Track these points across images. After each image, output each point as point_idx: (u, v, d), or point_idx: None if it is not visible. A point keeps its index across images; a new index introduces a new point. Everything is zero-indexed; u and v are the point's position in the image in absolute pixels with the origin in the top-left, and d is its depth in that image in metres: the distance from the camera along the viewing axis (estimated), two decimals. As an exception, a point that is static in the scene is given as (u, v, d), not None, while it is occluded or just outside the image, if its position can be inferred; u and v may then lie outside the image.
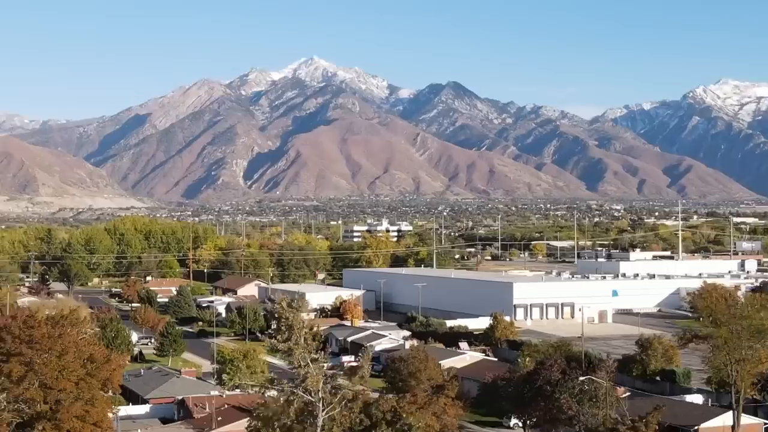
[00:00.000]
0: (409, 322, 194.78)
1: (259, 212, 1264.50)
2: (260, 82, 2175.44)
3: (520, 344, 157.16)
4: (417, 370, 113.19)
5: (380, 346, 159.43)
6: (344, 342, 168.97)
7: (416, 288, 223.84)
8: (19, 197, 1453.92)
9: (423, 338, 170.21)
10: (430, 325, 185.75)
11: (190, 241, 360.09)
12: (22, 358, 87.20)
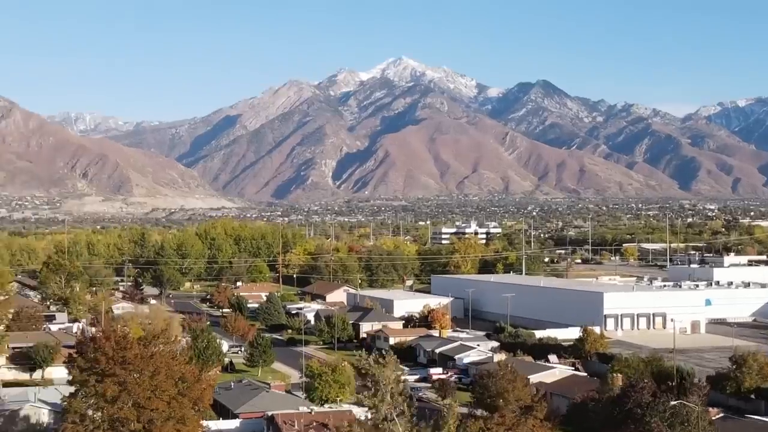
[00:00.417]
0: (498, 332, 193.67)
1: (348, 212, 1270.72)
2: (349, 83, 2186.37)
3: (610, 358, 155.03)
4: (505, 390, 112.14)
5: (468, 358, 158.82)
6: (432, 353, 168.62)
7: (505, 296, 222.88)
8: (114, 198, 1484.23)
9: (511, 350, 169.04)
10: (519, 336, 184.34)
11: (280, 246, 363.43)
12: (116, 378, 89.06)
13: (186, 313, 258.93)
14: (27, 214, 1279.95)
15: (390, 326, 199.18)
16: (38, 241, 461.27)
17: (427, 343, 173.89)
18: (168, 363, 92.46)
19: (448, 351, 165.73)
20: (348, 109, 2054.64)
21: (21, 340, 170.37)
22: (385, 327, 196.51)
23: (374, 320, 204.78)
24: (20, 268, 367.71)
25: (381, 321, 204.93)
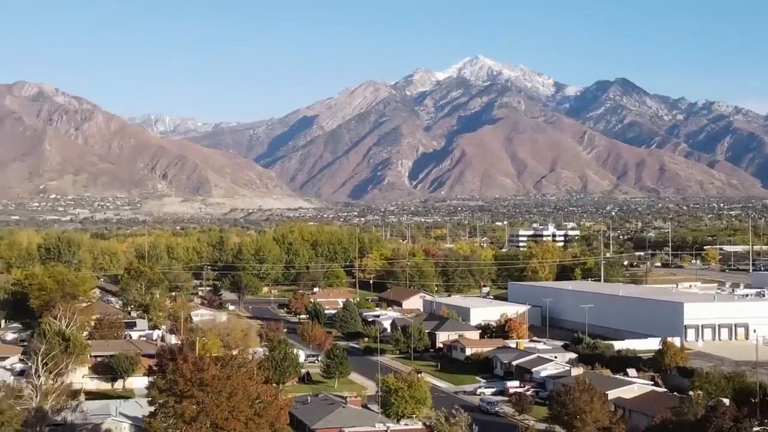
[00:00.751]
0: (576, 343, 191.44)
1: (424, 212, 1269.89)
2: (425, 83, 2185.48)
3: (690, 372, 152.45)
4: (582, 410, 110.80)
5: (546, 371, 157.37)
6: (509, 365, 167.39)
7: (582, 303, 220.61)
8: (193, 198, 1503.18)
9: (589, 362, 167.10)
10: (597, 348, 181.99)
11: (356, 251, 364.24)
12: (194, 400, 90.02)
13: (263, 319, 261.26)
14: (109, 214, 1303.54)
15: (466, 336, 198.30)
16: (119, 244, 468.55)
17: (504, 355, 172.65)
18: (245, 384, 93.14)
19: (525, 363, 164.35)
20: (424, 109, 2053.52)
21: (102, 348, 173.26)
22: (461, 337, 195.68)
23: (450, 329, 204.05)
24: (102, 271, 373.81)
25: (457, 330, 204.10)
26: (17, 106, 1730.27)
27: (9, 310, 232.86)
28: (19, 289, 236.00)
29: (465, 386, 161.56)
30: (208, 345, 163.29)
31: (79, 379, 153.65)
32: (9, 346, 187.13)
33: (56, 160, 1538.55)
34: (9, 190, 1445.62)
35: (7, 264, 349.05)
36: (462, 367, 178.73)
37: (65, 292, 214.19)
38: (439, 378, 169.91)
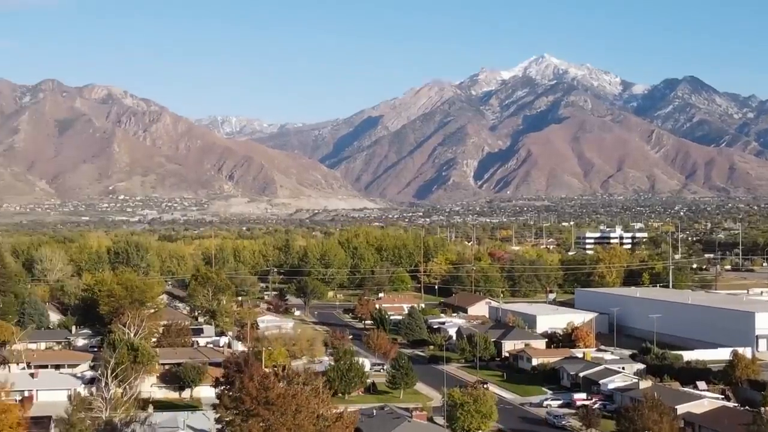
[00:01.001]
0: (644, 353, 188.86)
1: (490, 213, 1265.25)
2: (490, 82, 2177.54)
3: (762, 385, 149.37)
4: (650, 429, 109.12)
5: (613, 383, 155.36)
6: (576, 377, 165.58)
7: (650, 311, 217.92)
8: (259, 199, 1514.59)
9: (657, 373, 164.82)
10: (666, 359, 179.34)
11: (421, 255, 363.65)
12: (260, 418, 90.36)
13: (329, 325, 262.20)
14: (176, 215, 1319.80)
15: (533, 345, 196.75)
16: (187, 246, 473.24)
17: (571, 366, 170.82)
18: (310, 401, 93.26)
19: (592, 375, 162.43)
20: (489, 108, 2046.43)
21: (170, 356, 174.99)
22: (527, 346, 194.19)
23: (517, 338, 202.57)
24: (170, 275, 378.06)
25: (524, 339, 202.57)
26: (87, 108, 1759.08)
27: (79, 315, 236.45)
28: (89, 295, 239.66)
29: (531, 398, 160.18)
30: (274, 355, 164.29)
31: (147, 388, 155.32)
32: (79, 353, 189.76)
33: (125, 161, 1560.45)
34: (79, 191, 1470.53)
35: (77, 267, 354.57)
36: (528, 378, 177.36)
37: (134, 299, 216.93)
38: (505, 389, 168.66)
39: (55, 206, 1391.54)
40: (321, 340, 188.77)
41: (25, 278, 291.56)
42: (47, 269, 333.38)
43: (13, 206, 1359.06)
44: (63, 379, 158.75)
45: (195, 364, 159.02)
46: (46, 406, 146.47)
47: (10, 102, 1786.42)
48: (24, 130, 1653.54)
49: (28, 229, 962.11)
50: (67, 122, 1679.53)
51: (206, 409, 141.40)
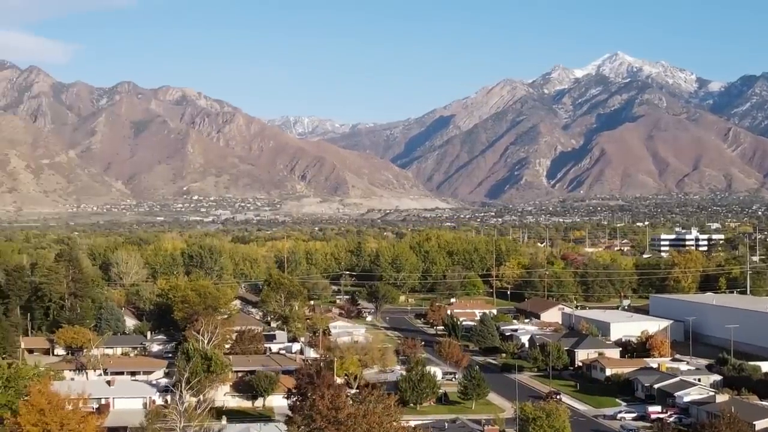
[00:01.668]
0: (720, 364, 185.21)
1: (562, 212, 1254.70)
2: (563, 80, 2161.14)
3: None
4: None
5: (689, 396, 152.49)
6: (650, 388, 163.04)
7: (727, 319, 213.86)
8: (331, 199, 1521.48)
9: (735, 385, 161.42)
10: (743, 370, 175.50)
11: (494, 260, 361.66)
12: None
13: (400, 330, 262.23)
14: (249, 215, 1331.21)
15: (606, 354, 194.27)
16: (259, 248, 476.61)
17: (646, 377, 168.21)
18: (381, 421, 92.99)
19: (667, 387, 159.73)
20: (562, 107, 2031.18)
21: (243, 363, 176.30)
22: (601, 356, 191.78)
23: (590, 347, 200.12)
24: (243, 277, 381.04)
25: (597, 348, 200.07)
26: (162, 110, 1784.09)
27: (154, 321, 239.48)
28: (163, 300, 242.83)
29: (605, 409, 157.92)
30: (346, 364, 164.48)
31: (221, 397, 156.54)
32: (155, 360, 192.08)
33: (199, 162, 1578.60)
34: (154, 191, 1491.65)
35: (152, 270, 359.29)
36: (602, 389, 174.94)
37: (207, 305, 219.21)
38: (578, 400, 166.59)
39: (131, 207, 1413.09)
40: (393, 349, 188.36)
41: (102, 283, 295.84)
42: (123, 272, 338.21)
43: (90, 207, 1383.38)
44: (138, 387, 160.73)
45: (268, 373, 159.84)
46: (122, 414, 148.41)
47: (87, 104, 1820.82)
48: (100, 132, 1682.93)
49: (104, 229, 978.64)
50: (142, 124, 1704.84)
51: (279, 419, 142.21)
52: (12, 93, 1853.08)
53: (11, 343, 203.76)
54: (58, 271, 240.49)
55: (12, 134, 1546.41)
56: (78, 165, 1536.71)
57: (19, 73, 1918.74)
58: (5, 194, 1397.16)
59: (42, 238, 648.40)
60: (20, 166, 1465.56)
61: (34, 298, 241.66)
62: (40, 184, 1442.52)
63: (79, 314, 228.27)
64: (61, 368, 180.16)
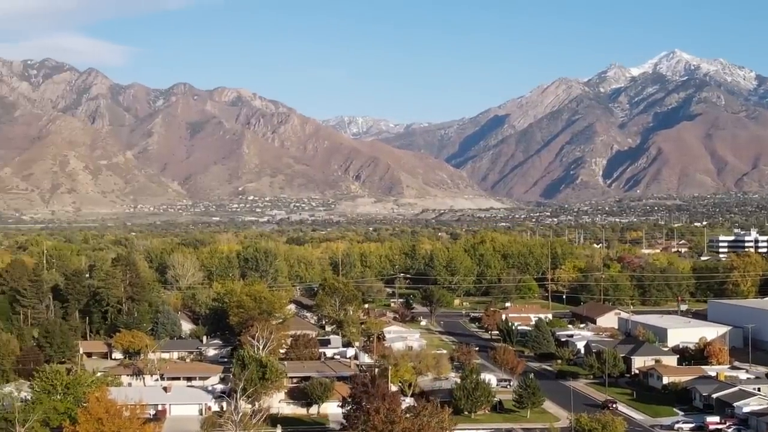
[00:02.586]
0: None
1: (619, 212, 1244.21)
2: (619, 79, 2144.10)
3: None
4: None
5: (748, 407, 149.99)
6: (708, 398, 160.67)
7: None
8: (385, 199, 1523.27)
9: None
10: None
11: (549, 263, 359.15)
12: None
13: (455, 335, 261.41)
14: (304, 215, 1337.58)
15: (664, 362, 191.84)
16: (314, 249, 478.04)
17: (704, 387, 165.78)
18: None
19: (725, 397, 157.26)
20: (618, 105, 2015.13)
21: (298, 369, 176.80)
22: (658, 364, 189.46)
23: (647, 354, 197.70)
24: (298, 279, 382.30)
25: (654, 355, 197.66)
26: (217, 111, 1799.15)
27: (210, 325, 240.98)
28: (219, 305, 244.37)
29: (662, 419, 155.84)
30: (401, 372, 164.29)
31: (276, 404, 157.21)
32: (211, 366, 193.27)
33: (254, 162, 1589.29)
34: (210, 192, 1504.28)
35: (208, 272, 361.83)
36: (659, 398, 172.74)
37: (262, 310, 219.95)
38: (635, 408, 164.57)
39: (187, 207, 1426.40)
40: (447, 355, 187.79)
41: (158, 286, 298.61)
42: (179, 275, 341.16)
43: (147, 207, 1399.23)
44: (194, 394, 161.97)
45: (322, 381, 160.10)
46: (178, 420, 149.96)
47: (144, 106, 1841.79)
48: (157, 133, 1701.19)
49: (161, 230, 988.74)
50: (198, 125, 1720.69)
51: (333, 426, 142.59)
52: (71, 95, 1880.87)
53: (70, 347, 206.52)
54: (115, 275, 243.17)
55: (71, 136, 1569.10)
56: (135, 166, 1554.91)
57: (77, 75, 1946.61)
58: (64, 195, 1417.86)
59: (100, 239, 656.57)
60: (79, 167, 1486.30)
61: (92, 301, 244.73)
62: (98, 184, 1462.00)
63: (136, 318, 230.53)
64: (118, 373, 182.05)
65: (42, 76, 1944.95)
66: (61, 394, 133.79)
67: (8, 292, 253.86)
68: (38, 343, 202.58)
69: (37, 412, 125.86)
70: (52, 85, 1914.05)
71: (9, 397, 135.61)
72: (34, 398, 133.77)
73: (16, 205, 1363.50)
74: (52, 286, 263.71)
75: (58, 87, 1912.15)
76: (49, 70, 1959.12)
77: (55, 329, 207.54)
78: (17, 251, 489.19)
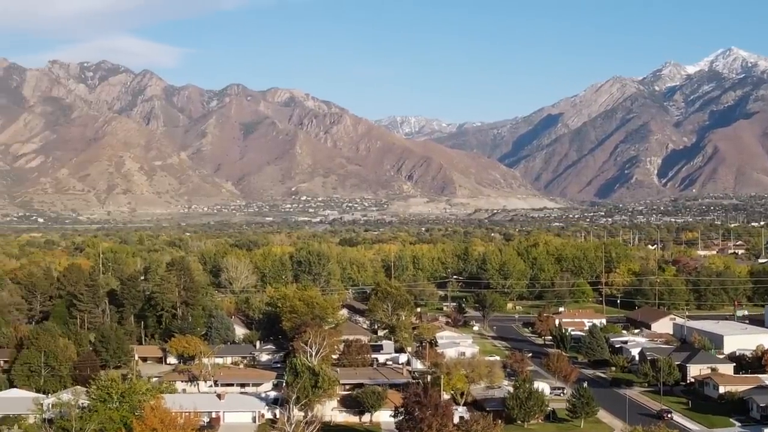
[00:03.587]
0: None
1: (674, 212, 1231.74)
2: (674, 77, 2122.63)
3: None
4: None
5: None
6: (766, 409, 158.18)
7: None
8: (438, 199, 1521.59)
9: None
10: None
11: (603, 266, 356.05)
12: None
13: (507, 340, 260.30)
14: (356, 215, 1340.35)
15: (720, 370, 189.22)
16: (366, 251, 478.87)
17: (761, 397, 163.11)
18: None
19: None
20: (674, 104, 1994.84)
21: (351, 376, 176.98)
22: (714, 372, 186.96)
23: (702, 362, 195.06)
24: (350, 282, 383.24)
25: (710, 363, 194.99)
26: (270, 111, 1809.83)
27: (263, 330, 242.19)
28: (272, 309, 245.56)
29: (717, 430, 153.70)
30: (453, 380, 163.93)
31: (328, 412, 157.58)
32: (264, 372, 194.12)
33: (307, 162, 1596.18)
34: (263, 192, 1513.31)
35: (261, 275, 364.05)
36: (715, 407, 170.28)
37: (315, 315, 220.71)
38: (690, 419, 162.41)
39: (240, 207, 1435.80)
40: (500, 364, 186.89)
41: (212, 290, 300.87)
42: (233, 278, 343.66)
43: (201, 207, 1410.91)
44: (248, 401, 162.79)
45: (375, 389, 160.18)
46: (232, 428, 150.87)
47: (198, 107, 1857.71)
48: (211, 134, 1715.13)
49: (215, 230, 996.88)
50: (251, 125, 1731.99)
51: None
52: (126, 96, 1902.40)
53: (126, 352, 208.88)
54: (170, 279, 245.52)
55: (126, 137, 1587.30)
56: (189, 166, 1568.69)
57: (132, 77, 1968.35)
58: (120, 195, 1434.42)
59: (155, 239, 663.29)
60: (134, 168, 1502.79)
61: (147, 306, 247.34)
62: (153, 185, 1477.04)
63: (191, 323, 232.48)
64: (173, 379, 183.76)
65: (98, 78, 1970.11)
66: (116, 402, 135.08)
67: (65, 296, 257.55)
68: (94, 348, 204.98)
69: (93, 421, 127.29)
70: (107, 87, 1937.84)
71: (68, 405, 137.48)
72: (91, 406, 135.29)
73: (73, 205, 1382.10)
74: (108, 290, 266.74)
75: (113, 89, 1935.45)
76: (105, 72, 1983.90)
77: (111, 334, 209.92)
78: (74, 252, 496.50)
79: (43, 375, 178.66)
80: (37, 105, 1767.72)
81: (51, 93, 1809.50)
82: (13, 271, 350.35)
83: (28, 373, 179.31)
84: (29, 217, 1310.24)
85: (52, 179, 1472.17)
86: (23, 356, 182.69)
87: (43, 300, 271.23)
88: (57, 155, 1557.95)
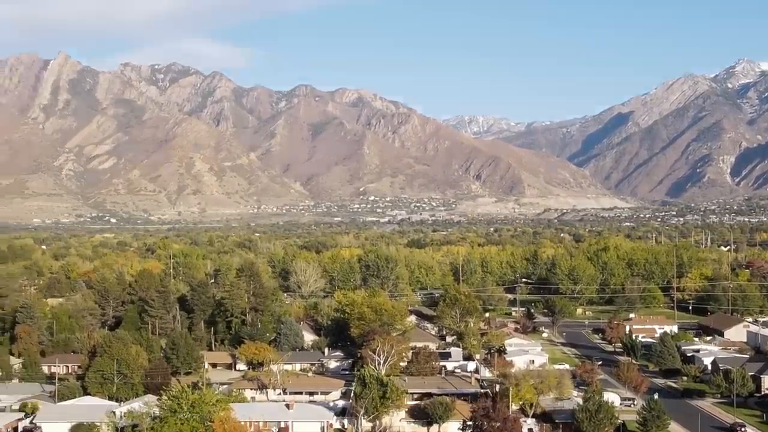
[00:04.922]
0: None
1: (748, 212, 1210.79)
2: (748, 74, 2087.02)
3: None
4: None
5: None
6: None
7: None
8: (506, 199, 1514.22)
9: None
10: None
11: (674, 270, 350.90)
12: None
13: (577, 347, 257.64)
14: (425, 215, 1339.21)
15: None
16: (434, 253, 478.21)
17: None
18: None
19: None
20: (747, 101, 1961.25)
21: (419, 385, 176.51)
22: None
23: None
24: (418, 284, 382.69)
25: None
26: (339, 112, 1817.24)
27: (331, 336, 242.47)
28: (340, 315, 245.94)
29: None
30: (522, 392, 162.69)
31: (396, 422, 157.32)
32: (333, 380, 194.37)
33: (375, 162, 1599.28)
34: (332, 192, 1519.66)
35: (330, 277, 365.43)
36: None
37: (383, 322, 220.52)
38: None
39: (309, 207, 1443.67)
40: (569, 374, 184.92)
41: (280, 295, 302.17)
42: (302, 281, 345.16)
43: (270, 208, 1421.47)
44: (316, 411, 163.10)
45: (443, 400, 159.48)
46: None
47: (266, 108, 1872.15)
48: (280, 134, 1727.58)
49: (284, 230, 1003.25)
50: (319, 126, 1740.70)
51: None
52: (196, 98, 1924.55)
53: (196, 358, 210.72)
54: (239, 285, 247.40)
55: (196, 138, 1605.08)
56: (258, 167, 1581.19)
57: (202, 78, 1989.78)
58: (190, 196, 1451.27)
59: (224, 240, 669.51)
60: (204, 169, 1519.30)
61: (217, 312, 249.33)
62: (222, 185, 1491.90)
63: (260, 329, 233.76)
64: (242, 386, 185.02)
65: (169, 80, 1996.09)
66: (186, 413, 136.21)
67: (137, 302, 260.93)
68: (165, 355, 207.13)
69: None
70: (178, 88, 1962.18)
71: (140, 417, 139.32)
72: (162, 416, 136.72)
73: (144, 206, 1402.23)
74: (178, 296, 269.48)
75: (183, 90, 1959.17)
76: (176, 74, 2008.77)
77: (181, 341, 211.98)
78: (146, 254, 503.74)
79: (115, 382, 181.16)
80: (109, 107, 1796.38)
81: (123, 95, 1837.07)
82: (86, 274, 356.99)
83: (101, 380, 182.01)
84: (102, 218, 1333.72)
85: (124, 180, 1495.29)
86: (96, 364, 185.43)
87: (116, 305, 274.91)
88: (129, 156, 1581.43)
